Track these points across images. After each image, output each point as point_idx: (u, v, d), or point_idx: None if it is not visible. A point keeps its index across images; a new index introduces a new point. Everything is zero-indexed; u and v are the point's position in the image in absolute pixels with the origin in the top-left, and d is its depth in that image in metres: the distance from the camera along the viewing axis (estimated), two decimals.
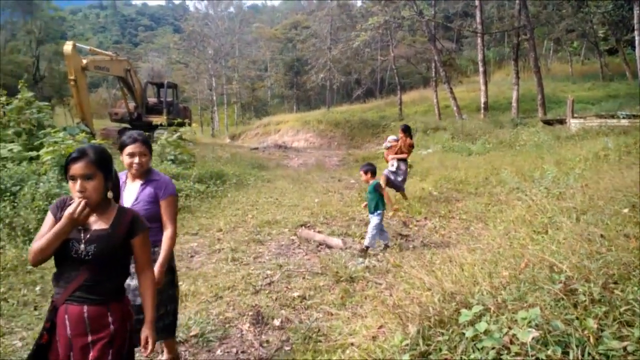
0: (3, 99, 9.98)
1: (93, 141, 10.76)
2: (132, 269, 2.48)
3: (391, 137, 9.41)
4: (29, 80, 10.42)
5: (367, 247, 6.04)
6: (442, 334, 2.48)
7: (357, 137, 28.89)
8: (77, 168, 2.07)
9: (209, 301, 4.52)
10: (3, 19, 46.79)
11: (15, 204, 6.67)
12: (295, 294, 4.67)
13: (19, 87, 10.29)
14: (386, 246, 6.18)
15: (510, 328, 2.23)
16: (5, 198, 6.85)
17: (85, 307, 2.08)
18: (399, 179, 8.95)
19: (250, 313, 4.22)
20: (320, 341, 3.60)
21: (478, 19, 22.78)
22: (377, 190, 6.23)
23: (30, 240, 6.05)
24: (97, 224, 2.15)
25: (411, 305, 3.08)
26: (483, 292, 2.83)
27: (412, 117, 28.70)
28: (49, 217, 2.15)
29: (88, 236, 2.11)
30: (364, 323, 3.42)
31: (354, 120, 30.51)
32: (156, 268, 3.00)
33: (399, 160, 9.02)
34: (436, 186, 10.17)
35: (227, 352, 3.65)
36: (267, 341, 3.77)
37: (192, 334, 3.80)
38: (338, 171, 16.59)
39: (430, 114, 28.88)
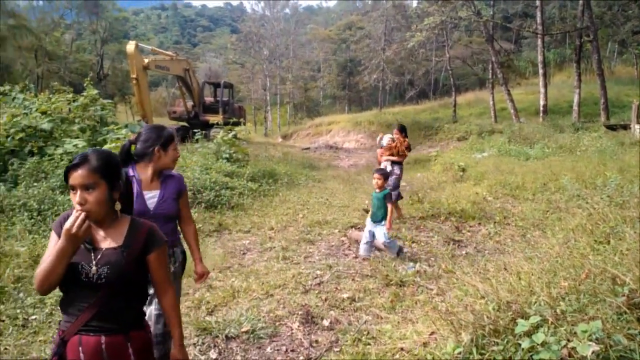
0: (70, 96, 10.53)
1: None
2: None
3: (387, 136, 8.45)
4: (93, 79, 10.99)
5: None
6: (497, 343, 2.42)
7: (409, 139, 28.52)
8: (76, 177, 1.81)
9: (260, 298, 4.59)
10: (70, 19, 49.36)
11: None
12: (345, 295, 4.68)
13: (85, 84, 10.82)
14: (400, 252, 5.92)
15: (569, 340, 2.15)
16: (69, 192, 7.21)
17: (103, 338, 1.83)
18: (390, 184, 7.74)
19: (300, 312, 4.26)
20: (369, 344, 3.58)
21: (539, 20, 21.98)
22: (385, 200, 5.91)
23: None
24: (107, 241, 1.89)
25: (464, 312, 3.03)
26: (541, 303, 2.74)
27: (467, 119, 28.11)
28: (53, 236, 1.89)
29: (99, 257, 1.85)
30: (415, 328, 3.39)
31: (406, 121, 30.13)
32: (198, 264, 3.05)
33: (393, 163, 8.22)
34: (491, 191, 9.90)
35: (277, 349, 3.70)
36: (317, 341, 3.79)
37: (243, 329, 3.88)
38: None
39: (486, 117, 28.19)
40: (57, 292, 4.29)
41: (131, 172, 2.79)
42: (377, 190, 6.02)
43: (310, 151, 24.83)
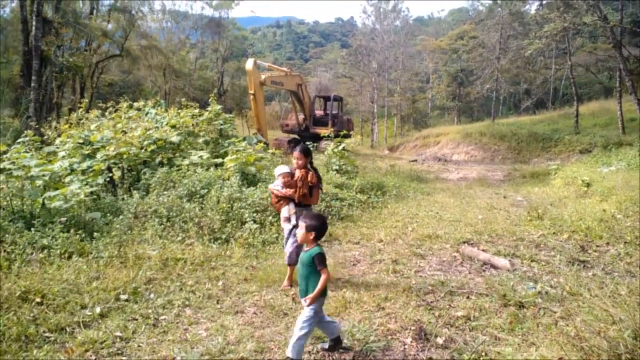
0: (196, 111, 11.39)
1: (271, 151, 11.70)
2: None
3: (281, 169, 5.49)
4: (214, 94, 11.90)
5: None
6: None
7: (524, 151, 27.11)
8: None
9: (371, 311, 4.59)
10: (195, 38, 53.42)
11: (203, 205, 7.54)
12: (459, 314, 4.52)
13: (209, 100, 11.64)
14: (334, 347, 3.77)
15: None
16: (195, 200, 7.78)
17: None
18: (293, 238, 5.23)
19: (413, 328, 4.19)
20: None
21: None
22: (315, 263, 3.60)
23: (216, 238, 6.78)
24: None
25: (596, 338, 2.80)
26: None
27: (591, 130, 26.08)
28: None
29: None
30: (539, 352, 3.18)
31: (521, 133, 28.68)
32: None
33: (297, 206, 5.32)
34: (620, 208, 9.05)
35: None
36: (431, 359, 3.71)
37: (355, 341, 3.90)
38: (503, 187, 15.70)
39: (612, 128, 25.90)
40: (183, 295, 4.60)
41: None
42: (306, 247, 3.76)
43: (417, 163, 24.46)
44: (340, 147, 12.97)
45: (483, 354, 3.66)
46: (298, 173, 5.24)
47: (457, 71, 51.76)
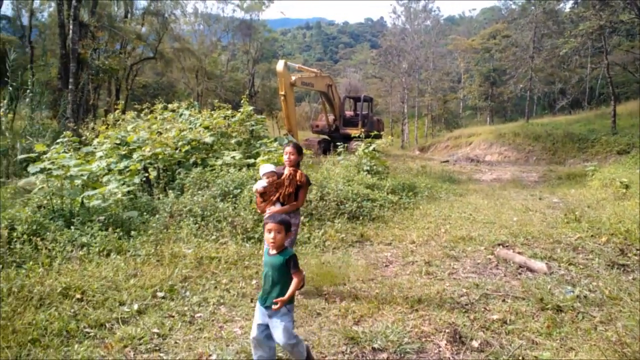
0: (229, 112, 11.54)
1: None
2: None
3: (267, 168, 5.04)
4: (245, 96, 12.10)
5: None
6: None
7: (559, 152, 26.48)
8: None
9: (404, 312, 4.56)
10: (226, 41, 54.08)
11: (236, 205, 7.62)
12: (495, 317, 4.45)
13: (242, 101, 11.78)
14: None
15: None
16: (228, 199, 7.88)
17: None
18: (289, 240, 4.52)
19: (447, 330, 4.15)
20: None
21: None
22: (289, 267, 3.35)
23: (249, 238, 6.85)
24: None
25: (638, 343, 2.72)
26: None
27: (629, 131, 25.26)
28: None
29: None
30: (579, 357, 3.11)
31: (556, 133, 28.01)
32: None
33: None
34: None
35: None
36: None
37: (389, 342, 3.88)
38: (538, 188, 15.36)
39: None
40: (218, 293, 4.65)
41: None
42: (272, 251, 3.42)
43: (449, 164, 24.16)
44: (371, 148, 12.92)
45: (520, 358, 3.60)
46: (287, 171, 4.93)
47: (489, 71, 50.95)
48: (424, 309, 4.65)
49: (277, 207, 4.84)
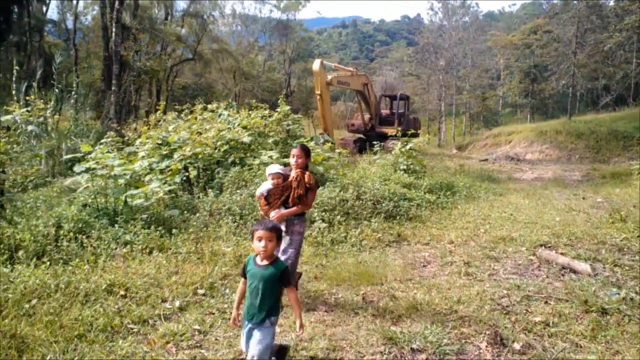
0: (266, 112, 11.66)
1: (337, 151, 11.78)
2: None
3: (273, 168, 4.69)
4: (282, 95, 12.20)
5: None
6: None
7: (603, 150, 25.61)
8: None
9: (443, 313, 4.51)
10: (263, 41, 54.60)
11: None
12: (537, 319, 4.36)
13: (279, 101, 11.87)
14: None
15: None
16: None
17: None
18: (284, 255, 4.47)
19: (488, 332, 4.08)
20: None
21: None
22: (281, 283, 3.12)
23: None
24: None
25: None
26: None
27: None
28: None
29: None
30: None
31: (600, 130, 27.09)
32: None
33: (294, 215, 4.59)
34: None
35: None
36: None
37: (428, 343, 3.85)
38: (581, 188, 14.91)
39: None
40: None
41: None
42: (263, 261, 3.12)
43: (488, 163, 23.71)
44: (408, 147, 12.81)
45: None
46: (294, 173, 4.56)
47: (530, 67, 49.70)
48: (463, 310, 4.59)
49: (282, 210, 4.52)
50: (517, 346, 3.85)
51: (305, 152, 4.65)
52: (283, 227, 4.42)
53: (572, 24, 34.29)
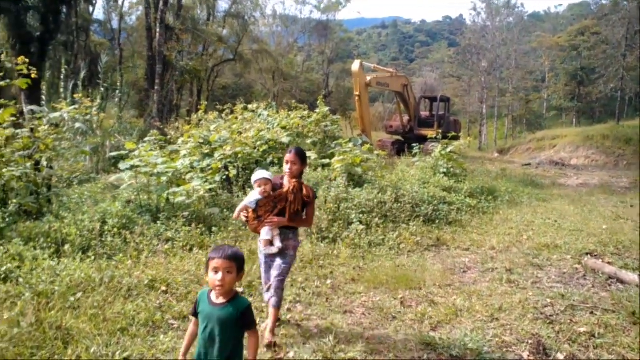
0: (305, 112, 11.71)
1: (376, 152, 11.70)
2: None
3: (260, 174, 3.98)
4: (321, 96, 12.22)
5: None
6: None
7: None
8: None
9: (484, 321, 4.42)
10: (302, 42, 54.82)
11: None
12: (582, 329, 4.21)
13: (318, 102, 11.91)
14: None
15: None
16: None
17: None
18: (277, 271, 3.97)
19: (530, 341, 3.97)
20: None
21: None
22: (243, 323, 2.54)
23: (324, 237, 6.90)
24: None
25: None
26: None
27: None
28: None
29: None
30: None
31: None
32: None
33: (286, 229, 4.02)
34: None
35: None
36: None
37: (467, 350, 3.77)
38: (629, 195, 14.34)
39: None
40: (294, 291, 4.66)
41: None
42: (219, 298, 2.55)
43: (531, 167, 23.11)
44: (448, 150, 12.61)
45: None
46: (288, 183, 3.96)
47: (576, 69, 48.15)
48: (505, 318, 4.48)
49: (278, 219, 3.94)
50: (560, 357, 3.73)
51: (301, 157, 4.03)
52: (277, 242, 3.92)
53: (621, 26, 33.09)
